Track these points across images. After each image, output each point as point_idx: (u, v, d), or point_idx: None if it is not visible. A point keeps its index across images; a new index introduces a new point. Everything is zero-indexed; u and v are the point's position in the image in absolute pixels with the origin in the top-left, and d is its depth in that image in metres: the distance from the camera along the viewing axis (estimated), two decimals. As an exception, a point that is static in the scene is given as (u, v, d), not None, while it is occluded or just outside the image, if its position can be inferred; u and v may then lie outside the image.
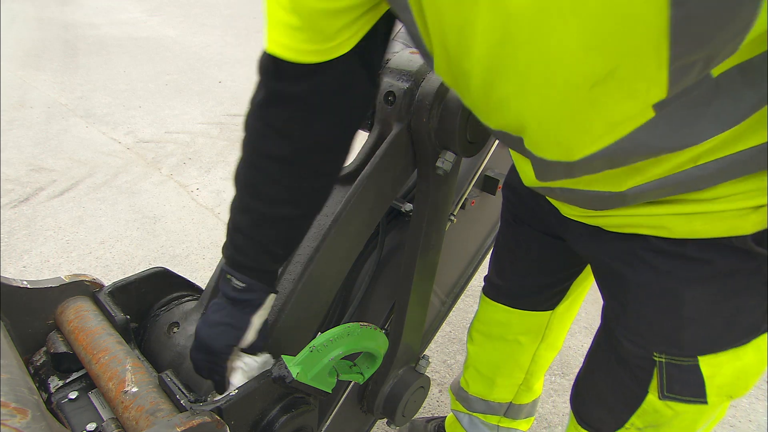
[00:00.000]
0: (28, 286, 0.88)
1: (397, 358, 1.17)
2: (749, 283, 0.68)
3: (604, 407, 0.90)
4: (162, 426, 0.67)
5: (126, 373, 0.78)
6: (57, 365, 0.88)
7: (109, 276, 2.20)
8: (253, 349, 0.81)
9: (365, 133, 0.99)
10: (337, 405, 1.16)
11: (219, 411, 0.73)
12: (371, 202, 0.92)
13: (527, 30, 0.45)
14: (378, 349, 0.88)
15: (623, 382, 0.83)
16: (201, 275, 2.24)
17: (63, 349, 0.87)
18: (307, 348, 0.79)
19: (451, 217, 1.14)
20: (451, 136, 0.88)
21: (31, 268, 2.21)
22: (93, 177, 2.94)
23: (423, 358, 1.27)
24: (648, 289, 0.75)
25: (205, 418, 0.69)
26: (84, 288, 0.96)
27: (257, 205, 0.73)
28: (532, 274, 1.09)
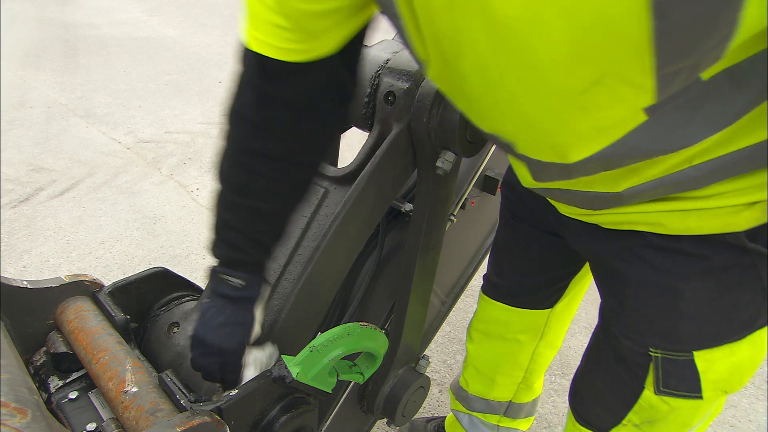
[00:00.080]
0: (28, 286, 0.88)
1: (397, 358, 1.17)
2: (743, 278, 0.68)
3: (601, 404, 0.90)
4: (162, 426, 0.67)
5: (126, 373, 0.78)
6: (57, 365, 0.88)
7: (109, 276, 2.20)
8: (259, 342, 0.83)
9: (365, 133, 0.99)
10: (337, 405, 1.16)
11: (219, 411, 0.73)
12: (371, 202, 0.92)
13: (516, 39, 0.45)
14: (378, 349, 0.88)
15: (620, 378, 0.84)
16: (201, 275, 2.23)
17: (63, 349, 0.87)
18: (307, 348, 0.79)
19: (451, 217, 1.14)
20: (451, 136, 0.88)
21: (31, 268, 2.21)
22: (93, 177, 2.94)
23: (423, 358, 1.27)
24: (644, 285, 0.75)
25: (205, 418, 0.69)
26: (84, 288, 0.96)
27: (247, 202, 0.75)
28: (530, 273, 1.09)
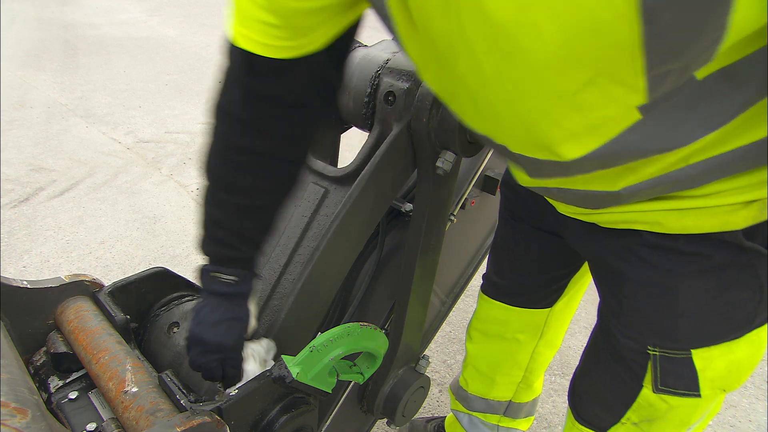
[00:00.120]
0: (28, 286, 0.88)
1: (397, 358, 1.17)
2: (741, 277, 0.68)
3: (600, 403, 0.90)
4: (162, 426, 0.67)
5: (126, 373, 0.78)
6: (57, 365, 0.88)
7: (109, 276, 2.20)
8: (255, 336, 0.84)
9: (365, 133, 0.99)
10: (337, 405, 1.16)
11: (219, 411, 0.73)
12: (371, 202, 0.92)
13: (511, 41, 0.46)
14: (378, 349, 0.88)
15: (619, 377, 0.84)
16: (201, 275, 2.23)
17: (63, 349, 0.87)
18: (307, 348, 0.79)
19: (451, 217, 1.14)
20: (451, 136, 0.88)
21: (31, 268, 2.21)
22: (93, 177, 2.94)
23: (423, 358, 1.27)
24: (643, 284, 0.75)
25: (205, 418, 0.69)
26: (84, 288, 0.96)
27: (235, 198, 0.76)
28: (530, 272, 1.09)
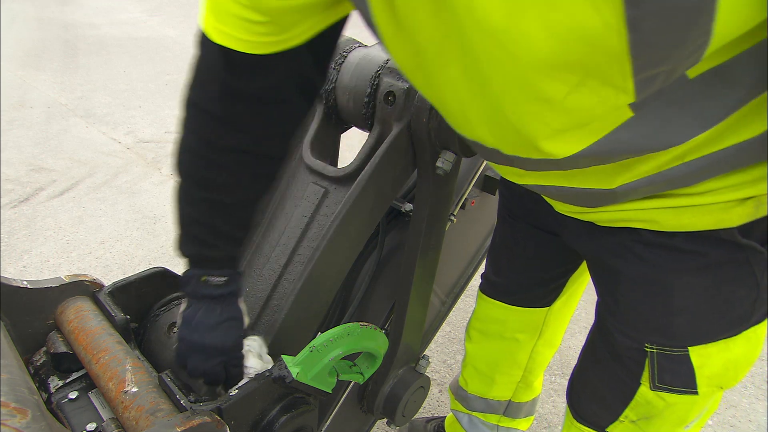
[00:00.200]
0: (28, 286, 0.88)
1: (397, 358, 1.17)
2: (737, 274, 0.69)
3: (598, 401, 0.90)
4: (162, 426, 0.67)
5: (126, 373, 0.78)
6: (57, 365, 0.88)
7: (109, 276, 2.20)
8: (248, 331, 0.84)
9: (365, 133, 0.99)
10: (337, 405, 1.16)
11: (219, 411, 0.73)
12: (371, 202, 0.92)
13: (501, 49, 0.46)
14: (378, 349, 0.88)
15: (617, 375, 0.84)
16: (201, 275, 2.23)
17: (63, 349, 0.87)
18: (307, 348, 0.79)
19: (451, 217, 1.14)
20: (451, 136, 0.88)
21: (31, 268, 2.21)
22: (93, 177, 2.94)
23: (423, 358, 1.27)
24: (640, 281, 0.76)
25: (205, 418, 0.69)
26: (84, 288, 0.96)
27: (212, 195, 0.75)
28: (528, 271, 1.09)
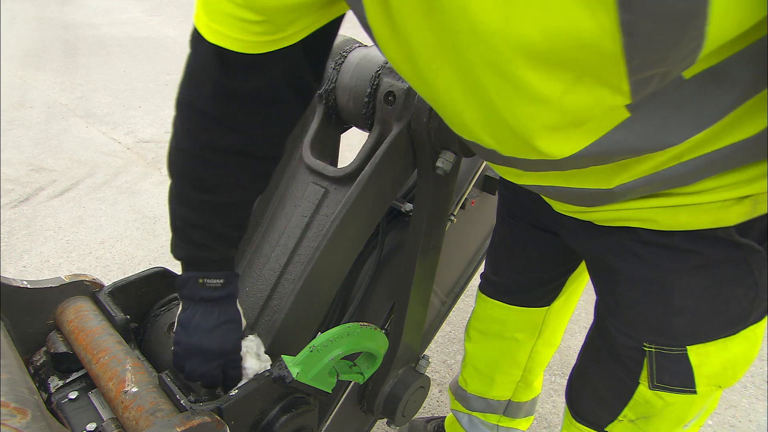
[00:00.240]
0: (28, 286, 0.88)
1: (397, 358, 1.17)
2: (735, 273, 0.69)
3: (597, 401, 0.90)
4: (162, 426, 0.67)
5: (126, 373, 0.78)
6: (57, 365, 0.88)
7: (109, 276, 2.20)
8: (246, 332, 0.85)
9: (365, 133, 0.99)
10: (337, 405, 1.16)
11: (219, 411, 0.73)
12: (371, 202, 0.92)
13: (496, 53, 0.46)
14: (378, 349, 0.88)
15: (616, 374, 0.84)
16: (201, 275, 2.23)
17: (63, 349, 0.87)
18: (307, 348, 0.79)
19: (451, 217, 1.14)
20: (451, 136, 0.88)
21: (31, 268, 2.21)
22: (93, 177, 2.94)
23: (423, 358, 1.27)
24: (638, 281, 0.76)
25: (205, 418, 0.69)
26: (84, 288, 0.96)
27: (207, 196, 0.74)
28: (527, 270, 1.09)
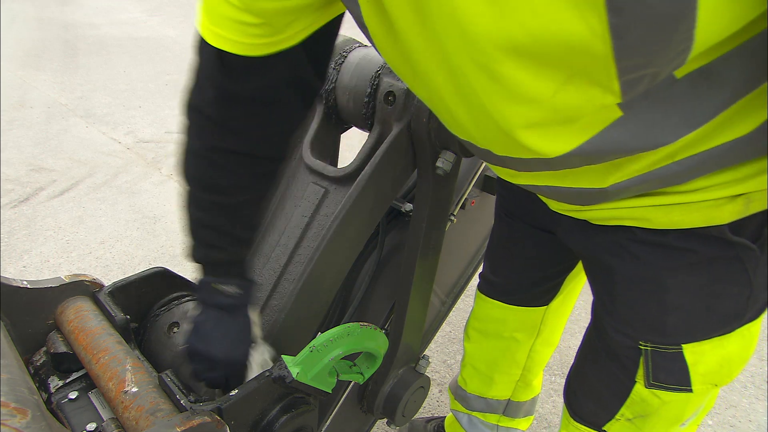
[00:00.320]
0: (28, 286, 0.88)
1: (397, 358, 1.17)
2: (729, 271, 0.69)
3: (595, 400, 0.91)
4: (162, 426, 0.67)
5: (126, 373, 0.78)
6: (57, 365, 0.88)
7: (109, 276, 2.20)
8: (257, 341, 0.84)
9: (365, 133, 0.99)
10: (337, 405, 1.16)
11: (219, 411, 0.73)
12: (371, 202, 0.92)
13: (485, 55, 0.46)
14: (378, 349, 0.88)
15: (612, 373, 0.84)
16: (201, 275, 2.24)
17: (63, 349, 0.87)
18: (307, 348, 0.79)
19: (451, 217, 1.14)
20: (451, 136, 0.88)
21: (31, 268, 2.21)
22: (93, 177, 2.94)
23: (423, 358, 1.27)
24: (633, 279, 0.76)
25: (205, 418, 0.69)
26: (84, 288, 0.96)
27: (216, 197, 0.75)
28: (525, 270, 1.10)
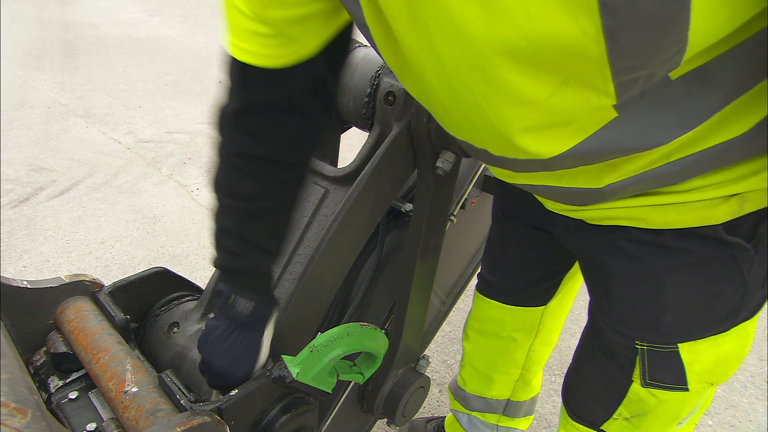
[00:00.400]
0: (28, 286, 0.88)
1: (397, 358, 1.17)
2: (725, 271, 0.69)
3: (593, 399, 0.91)
4: (162, 426, 0.67)
5: (126, 373, 0.78)
6: (57, 365, 0.88)
7: (109, 276, 2.20)
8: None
9: (365, 133, 0.99)
10: (337, 405, 1.16)
11: (219, 411, 0.73)
12: (371, 202, 0.92)
13: (480, 57, 0.46)
14: (378, 349, 0.88)
15: (609, 373, 0.84)
16: (201, 275, 2.24)
17: (63, 349, 0.87)
18: (307, 348, 0.79)
19: (451, 217, 1.14)
20: (451, 136, 0.88)
21: (31, 268, 2.21)
22: (93, 177, 2.94)
23: (423, 358, 1.27)
24: (629, 279, 0.76)
25: (205, 418, 0.69)
26: (84, 288, 0.96)
27: (239, 203, 0.76)
28: (523, 270, 1.10)
